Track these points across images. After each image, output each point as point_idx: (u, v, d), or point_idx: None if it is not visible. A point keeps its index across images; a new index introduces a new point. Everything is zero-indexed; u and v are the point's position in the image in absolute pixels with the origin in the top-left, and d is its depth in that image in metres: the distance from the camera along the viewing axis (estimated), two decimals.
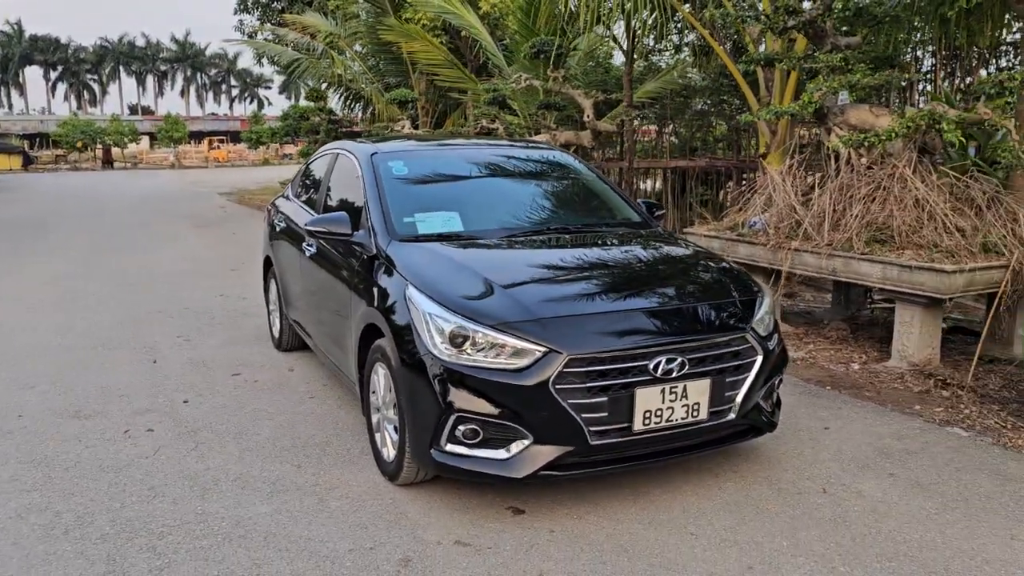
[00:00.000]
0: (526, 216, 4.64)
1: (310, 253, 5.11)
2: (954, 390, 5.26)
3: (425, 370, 3.47)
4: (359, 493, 3.83)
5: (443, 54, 13.44)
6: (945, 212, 5.55)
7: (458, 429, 3.41)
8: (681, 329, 3.59)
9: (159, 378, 5.72)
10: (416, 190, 4.68)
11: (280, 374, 5.80)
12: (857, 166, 6.21)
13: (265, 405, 5.12)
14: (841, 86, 5.97)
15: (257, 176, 36.04)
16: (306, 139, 19.43)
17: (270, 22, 23.87)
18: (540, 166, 5.19)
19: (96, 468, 4.17)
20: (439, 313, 3.51)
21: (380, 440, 4.03)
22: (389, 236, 4.20)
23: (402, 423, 3.66)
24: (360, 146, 5.09)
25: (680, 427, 3.53)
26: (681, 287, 3.90)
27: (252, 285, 9.28)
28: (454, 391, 3.39)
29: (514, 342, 3.37)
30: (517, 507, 3.66)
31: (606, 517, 3.57)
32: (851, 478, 3.96)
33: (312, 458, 4.27)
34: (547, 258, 4.10)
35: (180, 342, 6.75)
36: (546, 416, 3.34)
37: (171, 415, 4.95)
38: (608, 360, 3.38)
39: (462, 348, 3.43)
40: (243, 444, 4.47)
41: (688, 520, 3.54)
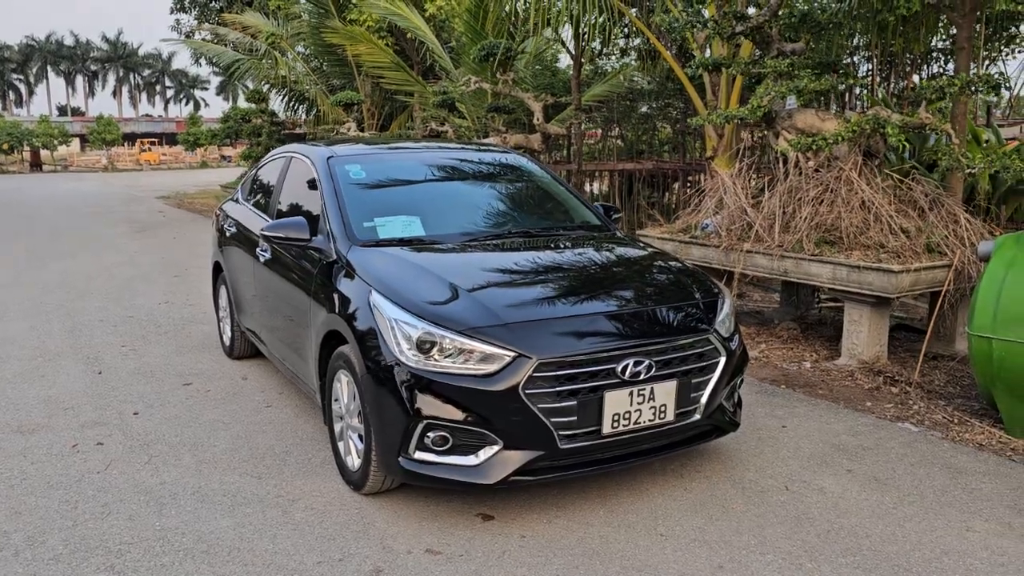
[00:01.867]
0: (486, 220, 4.62)
1: (264, 259, 5.01)
2: (902, 386, 5.42)
3: (392, 377, 3.43)
4: (324, 504, 3.76)
5: (389, 56, 13.33)
6: (890, 214, 5.71)
7: (427, 436, 3.38)
8: (647, 331, 3.61)
9: (106, 389, 5.54)
10: (374, 194, 4.62)
11: (233, 383, 5.67)
12: (805, 169, 6.34)
13: (220, 415, 4.99)
14: (789, 91, 6.10)
15: (195, 179, 35.27)
16: (248, 141, 19.06)
17: (208, 22, 23.37)
18: (497, 169, 5.18)
19: (44, 485, 4.01)
20: (405, 319, 3.47)
21: (344, 449, 3.97)
22: (349, 241, 4.14)
23: (368, 431, 3.61)
24: (315, 149, 5.01)
25: (648, 429, 3.56)
26: (644, 290, 3.94)
27: (197, 291, 9.08)
28: (422, 398, 3.35)
29: (482, 347, 3.35)
30: (486, 513, 3.64)
31: (575, 521, 3.57)
32: (811, 475, 4.04)
33: (273, 469, 4.18)
34: (511, 262, 4.09)
35: (126, 351, 6.55)
36: (516, 421, 3.33)
37: (121, 428, 4.80)
38: (576, 364, 3.38)
39: (429, 354, 3.39)
40: (199, 456, 4.35)
41: (657, 521, 3.56)
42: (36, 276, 10.19)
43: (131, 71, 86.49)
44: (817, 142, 5.85)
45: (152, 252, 12.54)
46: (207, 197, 24.59)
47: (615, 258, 4.30)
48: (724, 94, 9.57)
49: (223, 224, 6.14)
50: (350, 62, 16.79)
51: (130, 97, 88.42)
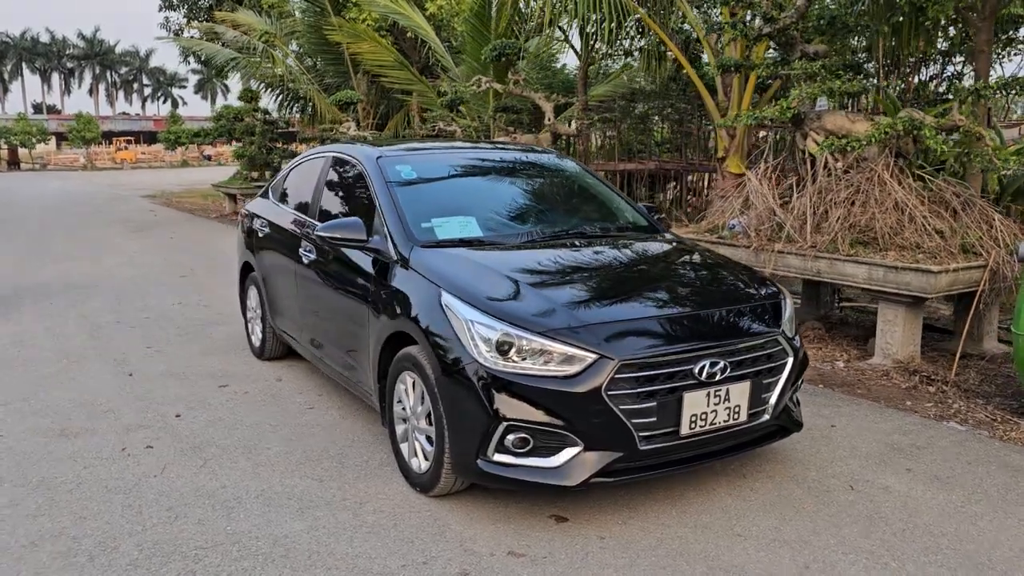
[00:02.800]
0: (540, 220, 4.62)
1: (309, 260, 4.96)
2: (939, 386, 5.47)
3: (470, 379, 3.41)
4: (393, 506, 3.74)
5: (392, 55, 13.28)
6: (924, 215, 5.77)
7: (507, 438, 3.36)
8: (721, 332, 3.62)
9: (141, 392, 5.47)
10: (427, 194, 4.60)
11: (270, 385, 5.61)
12: (834, 170, 6.39)
13: (264, 418, 4.94)
14: (822, 92, 6.14)
15: (178, 178, 34.89)
16: (241, 140, 18.88)
17: (197, 19, 23.13)
18: (542, 169, 5.17)
19: (103, 489, 3.95)
20: (481, 320, 3.45)
21: (408, 451, 3.94)
22: (410, 242, 4.11)
23: (440, 433, 3.58)
24: (361, 149, 4.97)
25: (722, 429, 3.57)
26: (712, 291, 3.95)
27: (210, 292, 8.99)
28: (502, 400, 3.34)
29: (563, 348, 3.34)
30: (559, 515, 3.63)
31: (650, 522, 3.57)
32: (873, 474, 4.07)
33: (332, 472, 4.14)
34: (575, 263, 4.08)
35: (151, 353, 6.47)
36: (597, 423, 3.32)
37: (166, 431, 4.73)
38: (656, 365, 3.39)
39: (508, 355, 3.38)
40: (254, 459, 4.30)
41: (732, 522, 3.57)
42: (39, 277, 10.04)
43: (108, 69, 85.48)
44: (851, 143, 5.89)
45: (152, 252, 12.40)
46: (195, 196, 24.39)
47: (675, 259, 4.30)
48: (736, 95, 9.64)
49: (253, 225, 6.08)
50: (346, 60, 16.69)
51: (107, 95, 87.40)
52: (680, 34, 10.22)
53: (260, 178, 18.41)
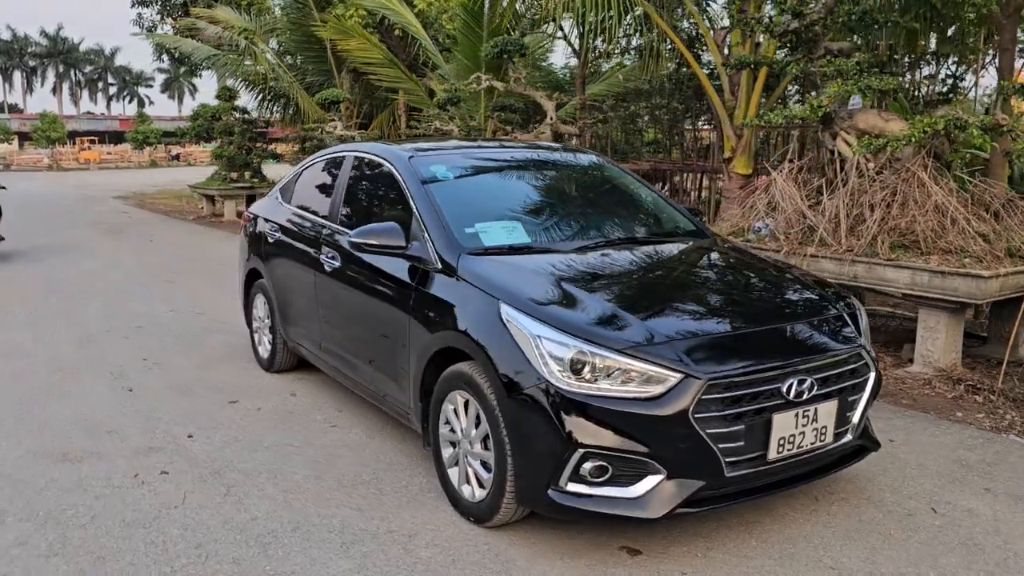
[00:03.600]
0: (587, 225, 4.31)
1: (333, 268, 4.61)
2: (986, 395, 5.26)
3: (539, 401, 3.10)
4: (446, 539, 3.41)
5: (382, 52, 12.90)
6: (966, 217, 5.56)
7: (583, 466, 3.05)
8: (806, 347, 3.35)
9: (144, 408, 5.08)
10: (466, 197, 4.28)
11: (283, 400, 5.25)
12: (866, 171, 6.16)
13: (283, 438, 4.58)
14: (858, 90, 5.91)
15: (149, 179, 33.91)
16: (219, 140, 18.34)
17: (171, 16, 22.51)
18: (581, 170, 4.87)
19: (120, 523, 3.58)
20: (551, 336, 3.14)
21: (458, 477, 3.61)
22: (456, 249, 3.79)
23: (501, 460, 3.27)
24: (389, 148, 4.64)
25: (808, 452, 3.29)
26: (788, 303, 3.67)
27: (200, 298, 8.57)
28: (578, 424, 3.03)
29: (644, 367, 3.04)
30: (630, 547, 3.33)
31: (730, 553, 3.29)
32: (951, 495, 3.82)
33: (370, 499, 3.80)
34: (638, 272, 3.79)
35: (149, 365, 6.06)
36: (683, 448, 3.03)
37: (180, 454, 4.36)
38: (745, 384, 3.10)
39: (581, 375, 3.07)
40: (282, 486, 3.95)
41: (818, 552, 3.30)
42: (18, 282, 9.52)
43: (72, 67, 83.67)
44: (891, 143, 5.67)
45: (132, 256, 11.89)
46: (168, 197, 23.72)
47: (736, 266, 4.02)
48: (744, 94, 9.43)
49: (263, 230, 5.70)
50: (329, 58, 16.28)
51: (71, 94, 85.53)
52: (682, 32, 9.95)
53: (239, 179, 17.91)
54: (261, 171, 18.47)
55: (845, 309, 3.68)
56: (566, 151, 5.14)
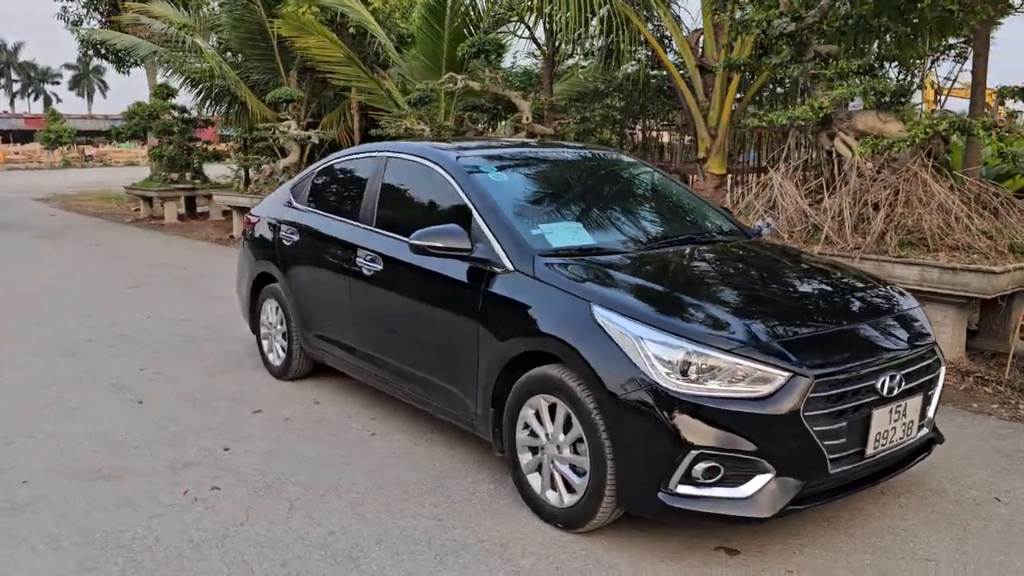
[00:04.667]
0: (643, 225, 4.31)
1: (372, 271, 4.48)
2: (993, 386, 5.48)
3: (648, 403, 3.07)
4: (540, 546, 3.35)
5: (342, 50, 12.62)
6: (969, 215, 5.78)
7: (695, 468, 3.04)
8: (893, 344, 3.41)
9: (162, 421, 4.84)
10: (521, 198, 4.22)
11: (308, 409, 5.08)
12: (865, 171, 6.35)
13: (326, 448, 4.43)
14: (860, 92, 6.08)
15: (66, 180, 32.45)
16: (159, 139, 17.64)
17: (98, 11, 21.51)
18: (622, 171, 4.85)
19: (188, 543, 3.39)
20: (655, 337, 3.12)
21: (540, 483, 3.55)
22: (528, 251, 3.72)
23: (599, 464, 3.22)
24: (431, 148, 4.53)
25: (896, 447, 3.36)
26: (865, 299, 3.72)
27: (178, 303, 8.23)
28: (690, 426, 3.02)
29: (753, 366, 3.05)
30: (727, 547, 3.34)
31: (825, 549, 3.33)
32: (1006, 483, 3.96)
33: (443, 508, 3.70)
34: (717, 272, 3.80)
35: (149, 375, 5.78)
36: (794, 447, 3.05)
37: (223, 468, 4.17)
38: (847, 381, 3.14)
39: (688, 376, 3.06)
40: (347, 498, 3.81)
41: (907, 544, 3.37)
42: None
43: None
44: (897, 143, 5.85)
45: (85, 262, 11.34)
46: (94, 199, 22.76)
47: (803, 265, 4.06)
48: (718, 95, 9.59)
49: (276, 233, 5.50)
50: (276, 56, 15.87)
51: None
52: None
53: (180, 180, 17.29)
54: (203, 172, 17.88)
55: (913, 305, 3.78)
56: (601, 151, 5.12)
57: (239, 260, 6.18)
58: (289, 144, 14.33)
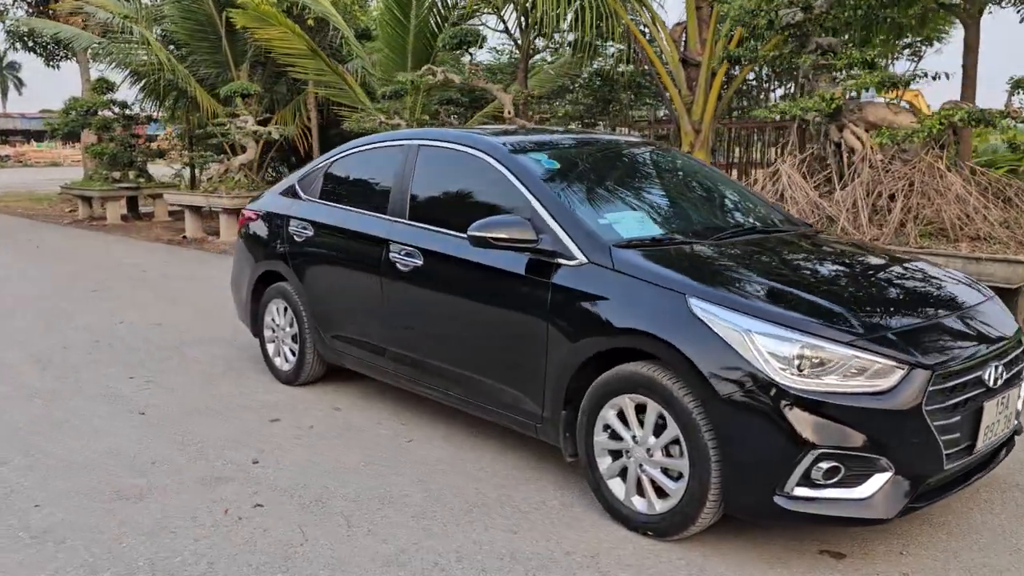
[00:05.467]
0: (705, 217, 4.14)
1: (411, 266, 4.18)
2: None
3: (763, 401, 2.87)
4: (633, 557, 3.12)
5: (305, 42, 12.13)
6: (986, 206, 5.78)
7: (815, 469, 2.85)
8: (992, 334, 3.29)
9: (175, 434, 4.44)
10: (578, 188, 3.97)
11: (330, 416, 4.74)
12: (875, 163, 6.31)
13: (364, 457, 4.12)
14: (873, 83, 6.03)
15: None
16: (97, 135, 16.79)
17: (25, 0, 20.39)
18: (667, 160, 4.66)
19: (248, 568, 3.05)
20: (767, 330, 2.92)
21: (625, 489, 3.32)
22: (602, 241, 3.49)
23: (702, 467, 3.00)
24: (479, 137, 4.25)
25: (997, 441, 3.24)
26: (952, 292, 3.58)
27: (147, 307, 7.74)
28: (809, 424, 2.83)
29: (871, 359, 2.88)
30: (830, 551, 3.17)
31: (930, 548, 3.19)
32: None
33: (516, 519, 3.44)
34: (805, 264, 3.63)
35: (142, 384, 5.35)
36: (914, 443, 2.89)
37: (258, 483, 3.82)
38: (961, 372, 3.01)
39: (803, 370, 2.87)
40: (407, 512, 3.52)
41: (1010, 540, 3.26)
42: None
43: None
44: (916, 133, 5.81)
45: (31, 266, 10.61)
46: (21, 200, 21.55)
47: (883, 258, 3.91)
48: (702, 89, 9.52)
49: (284, 228, 5.13)
50: (224, 48, 15.29)
51: None
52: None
53: (123, 179, 16.48)
54: (147, 170, 17.09)
55: (991, 294, 3.68)
56: (640, 141, 4.93)
57: (236, 259, 5.79)
58: (245, 140, 13.77)
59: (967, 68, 7.40)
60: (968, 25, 7.37)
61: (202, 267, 10.57)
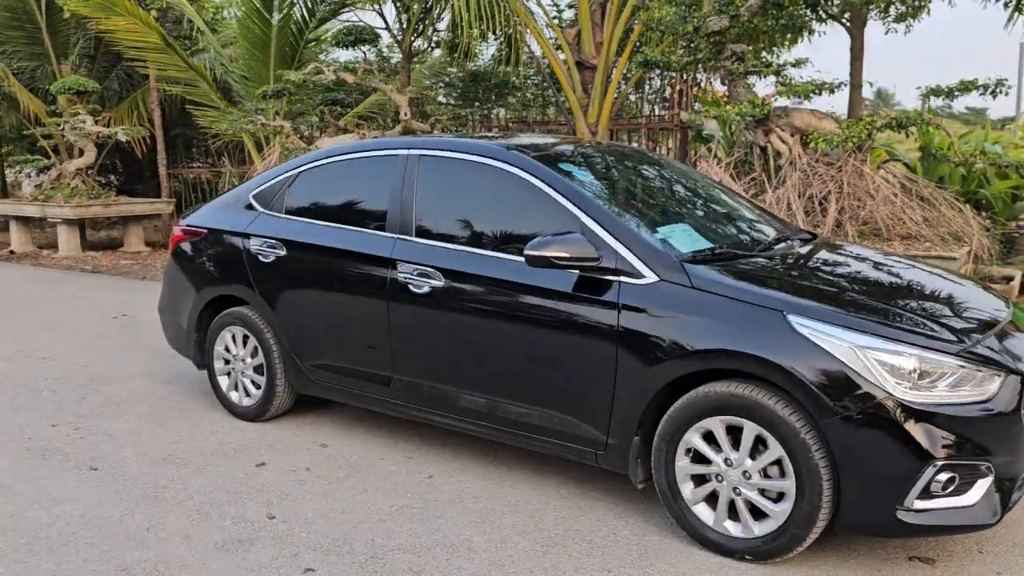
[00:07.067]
0: (737, 228, 4.09)
1: (429, 287, 3.85)
2: None
3: (882, 417, 2.86)
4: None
5: (159, 35, 11.04)
6: (911, 206, 6.20)
7: (934, 481, 2.88)
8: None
9: (152, 490, 3.86)
10: (616, 200, 3.82)
11: (323, 454, 4.31)
12: (800, 165, 6.61)
13: (392, 500, 3.75)
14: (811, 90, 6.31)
15: None
16: None
17: None
18: (672, 172, 4.55)
19: None
20: (881, 345, 2.92)
21: (715, 515, 3.21)
22: (668, 257, 3.36)
23: (813, 488, 2.95)
24: (495, 146, 3.97)
25: None
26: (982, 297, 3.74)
27: (20, 339, 6.75)
28: (931, 436, 2.85)
29: (975, 368, 2.95)
30: (918, 556, 3.22)
31: (1005, 544, 3.32)
32: None
33: (597, 556, 3.24)
34: (864, 275, 3.64)
35: (72, 432, 4.63)
36: (1012, 447, 2.99)
37: (289, 540, 3.37)
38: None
39: (918, 383, 2.90)
40: (477, 559, 3.22)
41: None
42: None
43: None
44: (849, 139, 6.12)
45: None
46: None
47: (907, 264, 4.01)
48: (598, 92, 9.62)
49: (251, 249, 4.58)
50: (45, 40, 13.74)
51: None
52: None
53: None
54: None
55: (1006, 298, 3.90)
56: (639, 151, 4.83)
57: (169, 284, 5.14)
58: (83, 142, 12.41)
59: (853, 76, 7.92)
60: (854, 36, 7.88)
61: (60, 287, 9.43)
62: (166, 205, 12.62)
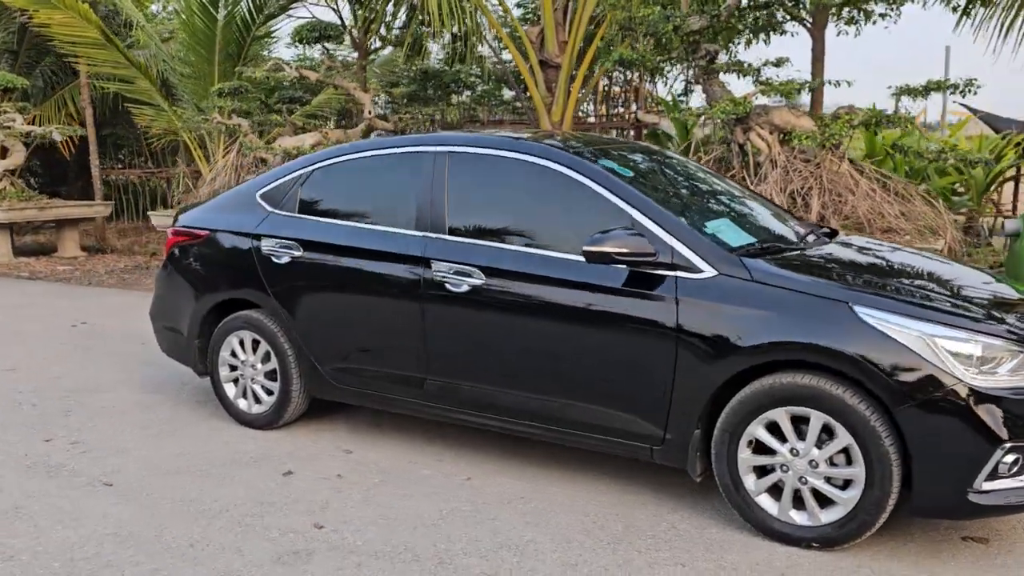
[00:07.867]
0: (767, 222, 4.14)
1: (469, 286, 3.78)
2: None
3: (953, 403, 2.95)
4: (816, 569, 3.07)
5: (96, 30, 10.51)
6: (889, 201, 6.43)
7: (1002, 463, 2.98)
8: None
9: (181, 504, 3.67)
10: (660, 196, 3.83)
11: (350, 461, 4.18)
12: (780, 163, 6.78)
13: (436, 505, 3.66)
14: (793, 89, 6.47)
15: None
16: None
17: None
18: (690, 168, 4.58)
19: None
20: (948, 333, 3.01)
21: (778, 505, 3.25)
22: (724, 252, 3.40)
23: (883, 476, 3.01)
24: (536, 144, 3.93)
25: None
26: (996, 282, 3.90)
27: (6, 354, 6.35)
28: (998, 420, 2.95)
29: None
30: (972, 536, 3.34)
31: None
32: None
33: (665, 552, 3.24)
34: (899, 267, 3.74)
35: (70, 446, 4.38)
36: None
37: (348, 549, 3.25)
38: None
39: (984, 369, 3.00)
40: (548, 560, 3.17)
41: None
42: None
43: None
44: (833, 135, 6.31)
45: None
46: None
47: (927, 256, 4.15)
48: (562, 90, 9.66)
49: (263, 250, 4.40)
50: None
51: None
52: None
53: None
54: None
55: None
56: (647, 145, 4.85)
57: (165, 288, 4.91)
58: (11, 142, 11.75)
59: (815, 76, 8.17)
60: (816, 38, 8.13)
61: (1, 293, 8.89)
62: (104, 208, 12.04)
